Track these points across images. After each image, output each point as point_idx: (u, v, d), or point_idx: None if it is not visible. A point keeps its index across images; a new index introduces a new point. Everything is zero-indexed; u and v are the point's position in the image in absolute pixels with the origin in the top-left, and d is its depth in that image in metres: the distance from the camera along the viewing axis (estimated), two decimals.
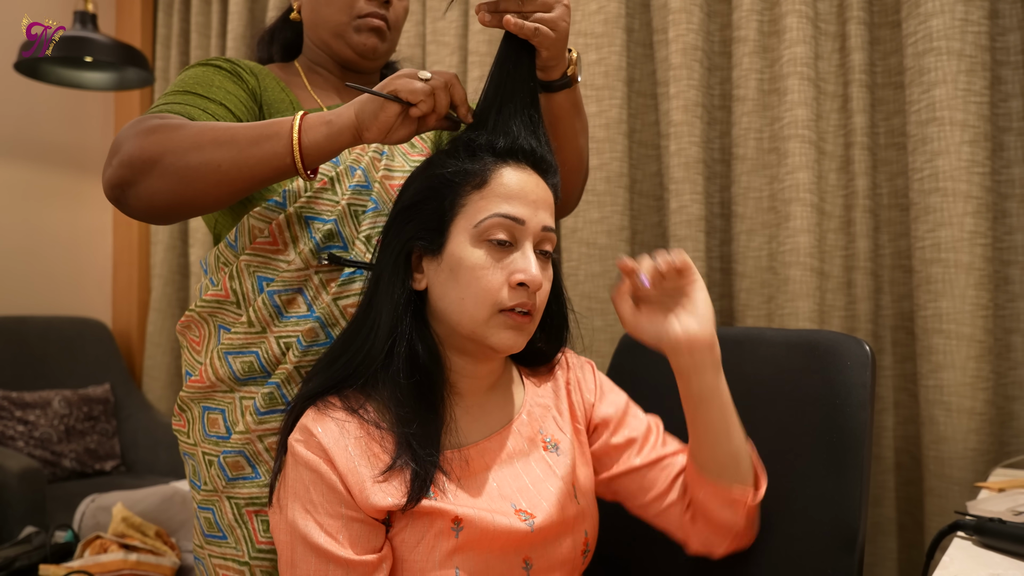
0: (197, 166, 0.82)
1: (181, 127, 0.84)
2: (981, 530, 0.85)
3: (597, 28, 1.81)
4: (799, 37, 1.57)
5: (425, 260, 0.84)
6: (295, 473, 0.79)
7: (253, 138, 0.82)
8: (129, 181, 0.84)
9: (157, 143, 0.83)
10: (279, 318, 0.94)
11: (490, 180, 0.81)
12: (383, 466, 0.78)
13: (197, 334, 0.99)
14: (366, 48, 1.04)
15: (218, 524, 0.95)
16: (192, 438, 0.98)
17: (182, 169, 0.82)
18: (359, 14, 1.03)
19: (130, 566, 1.61)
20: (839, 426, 0.94)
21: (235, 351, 0.94)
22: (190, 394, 0.98)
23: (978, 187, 1.38)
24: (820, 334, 1.03)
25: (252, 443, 0.93)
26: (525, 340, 0.82)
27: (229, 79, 0.98)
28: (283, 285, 0.94)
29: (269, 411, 0.93)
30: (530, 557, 0.82)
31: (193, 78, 0.97)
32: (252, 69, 1.02)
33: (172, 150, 0.82)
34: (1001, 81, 1.46)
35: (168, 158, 0.82)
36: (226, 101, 0.95)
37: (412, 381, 0.81)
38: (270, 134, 0.82)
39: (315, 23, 1.06)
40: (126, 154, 0.83)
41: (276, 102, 1.02)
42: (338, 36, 1.04)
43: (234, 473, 0.94)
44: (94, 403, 2.70)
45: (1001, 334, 1.44)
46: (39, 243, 2.93)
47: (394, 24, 1.06)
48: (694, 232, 1.67)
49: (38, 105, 2.91)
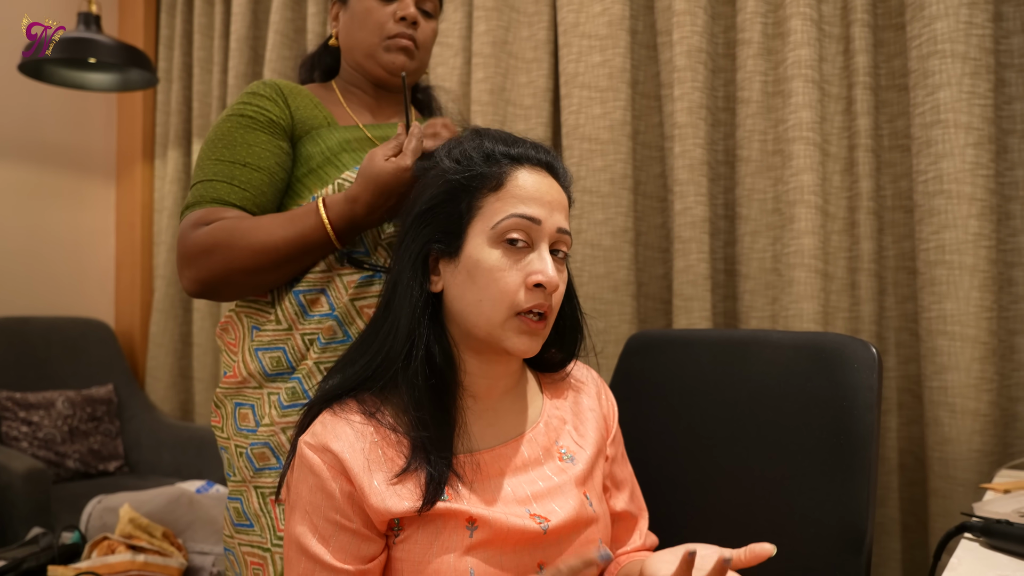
0: (262, 284, 1.02)
1: (233, 245, 0.99)
2: (988, 532, 0.86)
3: (601, 30, 1.81)
4: (803, 40, 1.57)
5: (442, 263, 0.85)
6: (299, 474, 0.80)
7: (300, 252, 0.99)
8: (206, 293, 1.03)
9: (218, 269, 1.00)
10: (304, 316, 1.03)
11: (506, 182, 0.82)
12: (398, 469, 0.78)
13: (233, 336, 1.09)
14: (395, 66, 1.12)
15: (246, 513, 1.03)
16: (226, 432, 1.06)
17: (251, 286, 1.02)
18: (388, 35, 1.11)
19: (138, 567, 1.61)
20: (846, 428, 0.94)
21: (265, 347, 1.03)
22: (224, 390, 1.06)
23: (982, 189, 1.39)
24: (826, 336, 1.04)
25: (276, 435, 1.01)
26: (540, 344, 0.83)
27: (262, 132, 1.07)
28: (309, 285, 1.03)
29: (292, 404, 1.01)
30: (544, 560, 0.82)
31: (222, 140, 1.06)
32: (284, 92, 1.10)
33: (235, 272, 1.00)
34: (1005, 84, 1.46)
35: (234, 279, 1.00)
36: (261, 162, 1.06)
37: (429, 384, 0.81)
38: (313, 246, 0.99)
39: (350, 46, 1.15)
40: (195, 279, 1.02)
41: (309, 119, 1.10)
42: (370, 56, 1.12)
43: (260, 464, 1.02)
44: (97, 404, 2.71)
45: (1005, 336, 1.45)
46: (42, 244, 2.94)
47: (422, 44, 1.14)
48: (698, 234, 1.68)
49: (42, 106, 2.91)
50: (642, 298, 1.84)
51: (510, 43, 1.98)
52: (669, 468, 1.12)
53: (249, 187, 1.05)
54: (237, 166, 1.05)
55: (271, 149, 1.07)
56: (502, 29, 1.97)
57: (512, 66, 1.98)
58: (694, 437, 1.10)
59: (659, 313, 1.85)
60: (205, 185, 1.05)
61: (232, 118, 1.08)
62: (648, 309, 1.84)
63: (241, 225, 1.00)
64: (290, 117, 1.09)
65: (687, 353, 1.16)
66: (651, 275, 1.85)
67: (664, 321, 1.85)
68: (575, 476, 0.87)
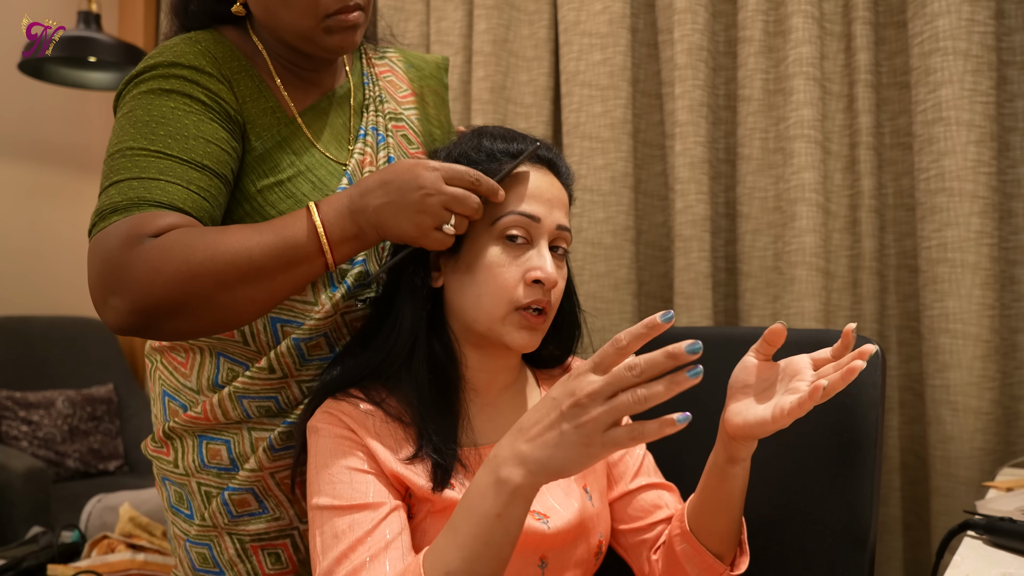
0: (229, 305, 0.75)
1: (191, 258, 0.72)
2: (991, 529, 0.85)
3: (602, 28, 1.81)
4: (805, 37, 1.57)
5: (443, 258, 0.85)
6: (316, 448, 0.79)
7: (281, 264, 0.75)
8: (146, 326, 0.74)
9: (173, 288, 0.72)
10: (302, 363, 0.88)
11: (506, 180, 0.82)
12: (407, 455, 0.79)
13: (184, 356, 0.90)
14: (342, 50, 0.88)
15: (215, 560, 0.89)
16: (181, 467, 0.90)
17: (212, 311, 0.75)
18: (327, 13, 0.85)
19: (137, 566, 1.61)
20: (849, 426, 0.94)
21: (251, 396, 0.87)
22: (183, 425, 0.89)
23: (984, 187, 1.39)
24: (829, 334, 1.03)
25: (263, 480, 0.88)
26: (539, 339, 0.83)
27: (206, 116, 0.82)
28: (309, 333, 0.87)
29: (285, 447, 0.88)
30: (546, 556, 0.83)
31: (164, 126, 0.79)
32: (224, 70, 0.86)
33: (194, 294, 0.73)
34: (1007, 81, 1.46)
35: (192, 302, 0.73)
36: (208, 159, 0.80)
37: (431, 378, 0.82)
38: (299, 258, 0.76)
39: (272, 25, 0.88)
40: (136, 302, 0.72)
41: (258, 116, 0.88)
42: (306, 40, 0.87)
43: (239, 511, 0.88)
44: (97, 403, 2.71)
45: (1007, 334, 1.44)
46: (42, 243, 2.94)
47: (367, 3, 0.89)
48: (699, 232, 1.67)
49: (42, 105, 2.91)
50: (643, 296, 1.84)
51: (510, 41, 1.98)
52: (670, 467, 1.11)
53: (208, 196, 0.79)
54: (191, 168, 0.78)
55: (229, 152, 0.82)
56: (502, 27, 1.96)
57: (513, 64, 1.98)
58: (695, 435, 1.09)
59: (660, 312, 1.84)
60: (140, 184, 0.76)
61: (173, 97, 0.80)
62: (649, 308, 1.84)
63: (205, 232, 0.75)
64: (240, 109, 0.86)
65: None
66: (652, 273, 1.84)
67: None
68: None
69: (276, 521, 0.90)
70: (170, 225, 0.75)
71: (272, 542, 0.90)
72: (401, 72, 1.08)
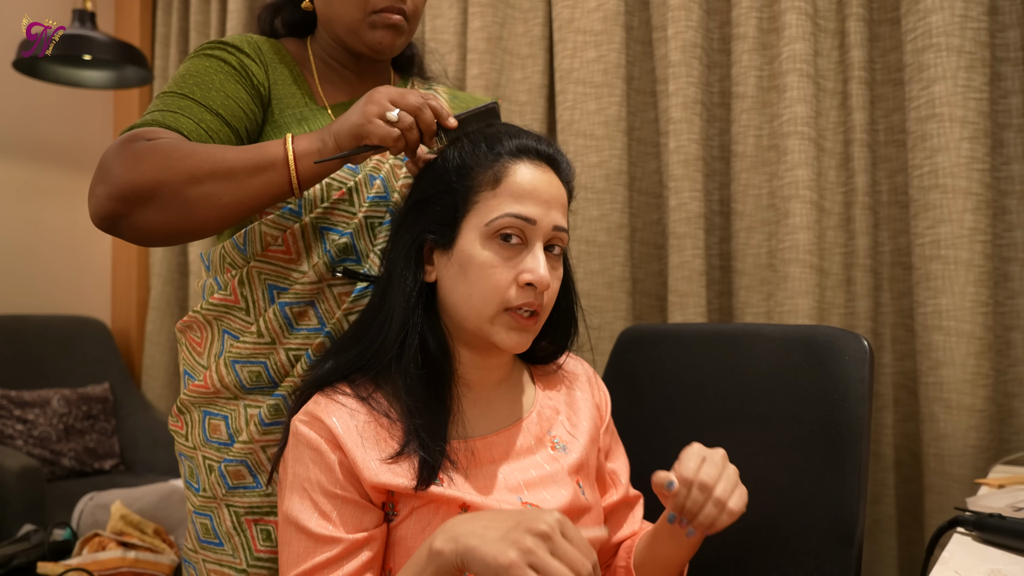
0: (196, 199, 0.81)
1: (172, 154, 0.82)
2: (981, 526, 0.85)
3: (596, 25, 1.81)
4: (798, 34, 1.57)
5: (436, 253, 0.84)
6: (296, 453, 0.80)
7: (250, 168, 0.82)
8: (121, 214, 0.82)
9: (149, 175, 0.80)
10: (289, 330, 0.93)
11: (503, 178, 0.81)
12: (391, 452, 0.78)
13: (199, 335, 0.98)
14: (382, 46, 0.98)
15: (215, 531, 0.95)
16: (191, 441, 0.97)
17: (180, 203, 0.81)
18: (374, 8, 0.96)
19: (128, 564, 1.60)
20: (837, 421, 0.93)
21: (243, 360, 0.93)
22: (191, 398, 0.96)
23: (978, 183, 1.38)
24: (818, 329, 1.03)
25: (255, 453, 0.93)
26: (530, 340, 0.83)
27: (233, 78, 0.94)
28: (295, 297, 0.93)
29: (274, 422, 0.93)
30: None
31: (194, 77, 0.93)
32: (265, 58, 0.98)
33: (167, 183, 0.80)
34: (1001, 77, 1.45)
35: (164, 191, 0.81)
36: (223, 110, 0.91)
37: (423, 372, 0.81)
38: (266, 164, 0.82)
39: (328, 18, 1.00)
40: (116, 186, 0.81)
41: (287, 96, 0.98)
42: (352, 32, 0.98)
43: (235, 482, 0.94)
44: (93, 402, 2.70)
45: (1001, 331, 1.44)
46: (38, 242, 2.93)
47: (412, 15, 0.99)
48: (693, 229, 1.67)
49: (37, 104, 2.91)
50: (637, 294, 1.83)
51: (505, 39, 1.98)
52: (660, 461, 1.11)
53: (214, 136, 0.90)
54: (206, 111, 0.90)
55: (248, 109, 0.94)
56: (497, 25, 1.96)
57: (507, 62, 1.97)
58: (685, 430, 1.09)
59: (654, 309, 1.84)
60: (157, 113, 0.89)
61: (211, 59, 0.94)
62: (643, 305, 1.84)
63: (187, 142, 0.85)
64: (268, 89, 0.97)
65: (679, 347, 1.15)
66: (646, 271, 1.84)
67: (659, 317, 1.84)
68: (568, 465, 0.87)
69: (268, 497, 0.94)
70: (167, 137, 0.85)
71: (264, 518, 0.94)
72: (443, 102, 1.11)
